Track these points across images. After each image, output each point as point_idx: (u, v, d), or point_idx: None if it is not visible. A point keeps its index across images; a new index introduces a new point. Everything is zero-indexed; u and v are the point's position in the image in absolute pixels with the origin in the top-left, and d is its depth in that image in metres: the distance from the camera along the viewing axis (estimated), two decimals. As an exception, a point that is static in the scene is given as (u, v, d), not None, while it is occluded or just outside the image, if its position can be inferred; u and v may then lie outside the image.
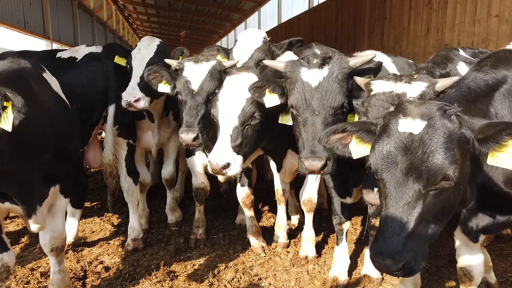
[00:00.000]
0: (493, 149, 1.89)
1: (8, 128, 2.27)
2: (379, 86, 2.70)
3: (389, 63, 3.86)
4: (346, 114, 2.87)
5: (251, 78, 3.25)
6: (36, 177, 2.80)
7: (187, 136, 3.37)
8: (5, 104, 2.24)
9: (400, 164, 1.89)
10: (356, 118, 2.85)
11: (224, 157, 2.99)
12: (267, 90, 3.07)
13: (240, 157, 3.09)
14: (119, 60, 4.38)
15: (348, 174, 3.41)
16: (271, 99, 3.10)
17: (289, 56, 4.04)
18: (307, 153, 2.73)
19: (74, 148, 3.27)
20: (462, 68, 3.32)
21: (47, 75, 3.19)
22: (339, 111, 2.80)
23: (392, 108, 2.09)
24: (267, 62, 3.41)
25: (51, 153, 2.83)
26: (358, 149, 2.27)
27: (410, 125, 1.91)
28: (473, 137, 1.93)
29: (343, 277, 3.75)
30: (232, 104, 3.14)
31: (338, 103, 2.77)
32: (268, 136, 3.50)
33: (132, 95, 3.99)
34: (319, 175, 4.19)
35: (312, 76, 2.82)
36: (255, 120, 3.14)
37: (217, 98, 3.27)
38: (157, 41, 4.47)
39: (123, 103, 4.00)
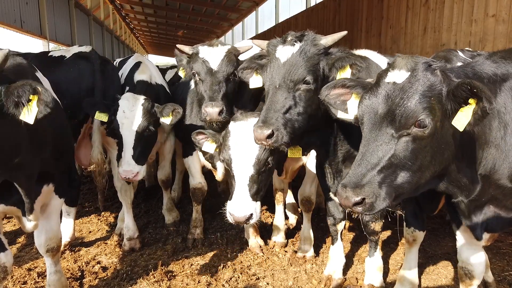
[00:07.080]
0: (455, 108, 1.99)
1: (31, 121, 2.31)
2: None
3: (385, 64, 3.84)
4: (313, 92, 2.80)
5: None
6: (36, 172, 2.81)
7: (212, 109, 3.33)
8: (31, 97, 2.28)
9: (380, 110, 2.04)
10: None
11: (246, 209, 2.96)
12: (254, 72, 3.20)
13: (259, 203, 3.09)
14: (99, 116, 4.03)
15: (340, 172, 3.38)
16: (256, 81, 3.18)
17: None
18: (257, 122, 2.70)
19: (67, 146, 3.27)
20: None
21: (39, 74, 3.21)
22: (301, 86, 2.76)
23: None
24: (254, 41, 3.47)
25: (49, 149, 2.85)
26: (355, 105, 2.35)
27: (395, 76, 2.07)
28: (445, 92, 2.01)
29: (337, 276, 3.76)
30: (245, 153, 3.04)
31: (298, 76, 2.74)
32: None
33: (130, 172, 3.82)
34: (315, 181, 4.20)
35: (284, 52, 2.82)
36: (269, 165, 3.10)
37: (227, 145, 3.13)
38: (141, 100, 4.03)
39: (122, 178, 3.88)
